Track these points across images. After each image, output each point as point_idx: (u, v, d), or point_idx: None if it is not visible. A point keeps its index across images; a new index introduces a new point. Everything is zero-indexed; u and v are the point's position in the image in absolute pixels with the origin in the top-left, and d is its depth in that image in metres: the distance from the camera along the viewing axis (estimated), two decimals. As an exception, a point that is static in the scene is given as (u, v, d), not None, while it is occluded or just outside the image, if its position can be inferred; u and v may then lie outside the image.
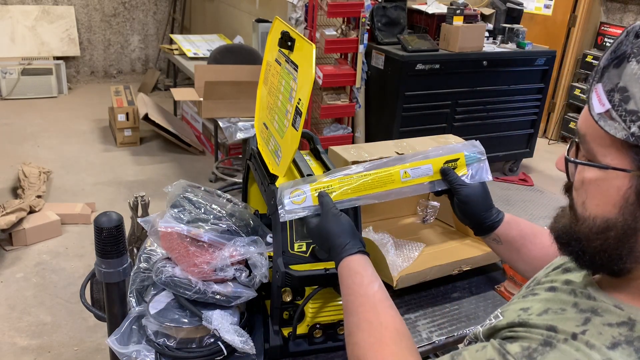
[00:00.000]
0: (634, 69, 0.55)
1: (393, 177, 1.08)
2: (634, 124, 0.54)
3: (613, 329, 0.57)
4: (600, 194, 0.60)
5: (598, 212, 0.60)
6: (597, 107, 0.57)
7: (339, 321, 1.24)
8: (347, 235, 0.95)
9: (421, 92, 3.98)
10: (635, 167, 0.56)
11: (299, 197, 1.05)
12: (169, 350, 1.12)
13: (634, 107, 0.54)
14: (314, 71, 1.07)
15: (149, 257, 1.29)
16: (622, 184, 0.57)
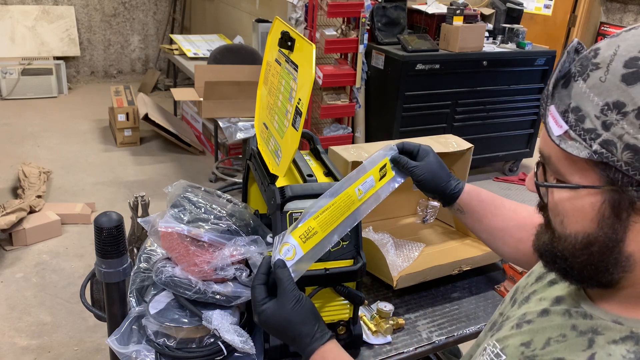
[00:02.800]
0: (582, 88, 0.56)
1: (352, 197, 1.11)
2: (594, 141, 0.55)
3: (619, 347, 0.56)
4: (577, 212, 0.60)
5: (578, 229, 0.61)
6: (556, 130, 0.58)
7: (339, 321, 1.24)
8: (313, 321, 0.87)
9: (421, 92, 3.98)
10: (604, 183, 0.56)
11: (289, 252, 1.01)
12: (169, 350, 1.12)
13: (591, 126, 0.55)
14: (314, 71, 1.07)
15: (149, 257, 1.29)
16: (595, 200, 0.58)
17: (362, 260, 1.19)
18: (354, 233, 1.21)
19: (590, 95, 0.55)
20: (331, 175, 1.32)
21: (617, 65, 0.54)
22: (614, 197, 0.57)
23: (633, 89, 0.52)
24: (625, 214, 0.57)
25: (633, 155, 0.53)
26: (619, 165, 0.54)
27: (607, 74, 0.54)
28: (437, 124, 4.12)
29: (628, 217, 0.57)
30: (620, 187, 0.55)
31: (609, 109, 0.54)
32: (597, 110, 0.55)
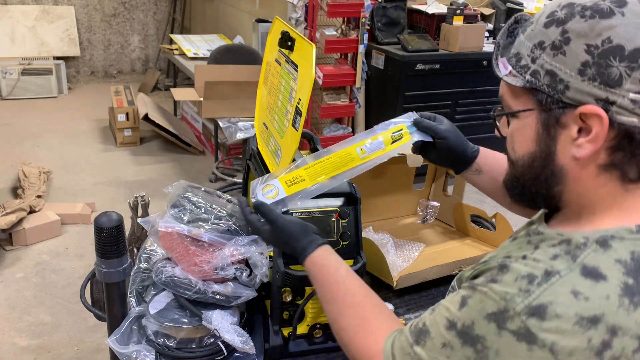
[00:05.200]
0: (521, 38, 0.75)
1: (352, 155, 1.12)
2: (526, 73, 0.72)
3: (555, 248, 0.70)
4: (521, 136, 0.76)
5: (524, 151, 0.76)
6: (504, 71, 0.76)
7: (339, 321, 1.24)
8: (301, 237, 0.99)
9: (421, 92, 3.98)
10: (536, 105, 0.72)
11: (271, 192, 1.06)
12: (169, 350, 1.12)
13: (524, 62, 0.73)
14: (314, 71, 1.07)
15: (149, 257, 1.29)
16: (532, 121, 0.73)
17: (362, 260, 1.19)
18: (354, 233, 1.21)
19: (525, 42, 0.74)
20: (331, 175, 1.32)
21: (542, 18, 0.73)
22: (544, 116, 0.72)
23: (549, 30, 0.70)
24: (553, 129, 0.71)
25: (551, 78, 0.69)
26: (543, 88, 0.70)
27: (536, 25, 0.73)
28: (437, 124, 4.12)
29: (556, 132, 0.71)
30: (547, 106, 0.71)
31: (535, 47, 0.71)
32: (528, 50, 0.72)
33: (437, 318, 0.74)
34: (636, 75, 0.64)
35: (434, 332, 0.73)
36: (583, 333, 0.61)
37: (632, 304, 0.62)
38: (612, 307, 0.62)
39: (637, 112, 0.65)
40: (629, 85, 0.65)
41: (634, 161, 0.68)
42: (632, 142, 0.67)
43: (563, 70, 0.68)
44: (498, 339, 0.66)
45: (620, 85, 0.65)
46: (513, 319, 0.65)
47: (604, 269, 0.64)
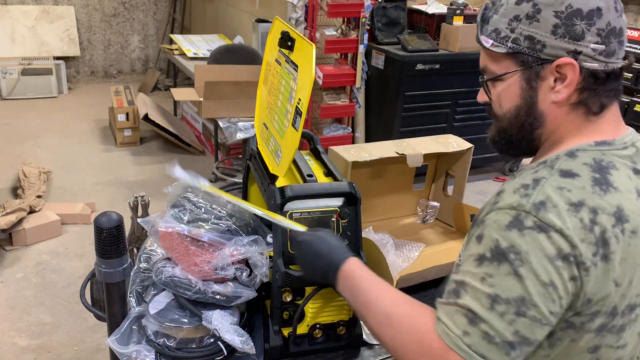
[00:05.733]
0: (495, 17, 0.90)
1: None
2: (508, 41, 0.89)
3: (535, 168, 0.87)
4: (508, 94, 0.92)
5: (511, 105, 0.92)
6: (487, 44, 0.92)
7: (339, 321, 1.24)
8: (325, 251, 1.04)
9: (421, 92, 3.97)
10: (519, 66, 0.89)
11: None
12: (169, 350, 1.12)
13: (504, 34, 0.89)
14: (314, 71, 1.07)
15: (149, 257, 1.29)
16: (516, 80, 0.90)
17: (362, 260, 1.19)
18: (353, 233, 1.21)
19: (500, 19, 0.89)
20: (331, 175, 1.32)
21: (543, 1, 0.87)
22: (527, 74, 0.89)
23: (521, 6, 0.87)
24: (534, 83, 0.89)
25: (530, 42, 0.87)
26: (524, 51, 0.87)
27: (507, 5, 0.89)
28: (437, 124, 4.12)
29: (537, 85, 0.89)
30: (528, 65, 0.88)
31: (512, 21, 0.88)
32: (506, 24, 0.89)
33: (465, 267, 0.84)
34: (593, 30, 0.84)
35: (468, 278, 0.82)
36: (575, 214, 0.78)
37: (602, 190, 0.80)
38: (589, 192, 0.80)
39: (597, 58, 0.85)
40: (589, 37, 0.84)
41: (597, 98, 0.88)
42: (596, 82, 0.86)
43: (539, 34, 0.86)
44: (523, 240, 0.78)
45: (584, 38, 0.84)
46: (527, 218, 0.78)
47: (575, 169, 0.83)
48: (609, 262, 0.78)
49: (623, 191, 0.82)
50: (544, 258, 0.77)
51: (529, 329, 0.78)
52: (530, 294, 0.77)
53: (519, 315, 0.77)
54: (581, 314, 0.80)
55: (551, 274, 0.77)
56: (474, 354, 0.78)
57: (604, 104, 0.88)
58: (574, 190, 0.80)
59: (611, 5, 0.85)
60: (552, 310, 0.78)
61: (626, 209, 0.80)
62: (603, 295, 0.79)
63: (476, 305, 0.79)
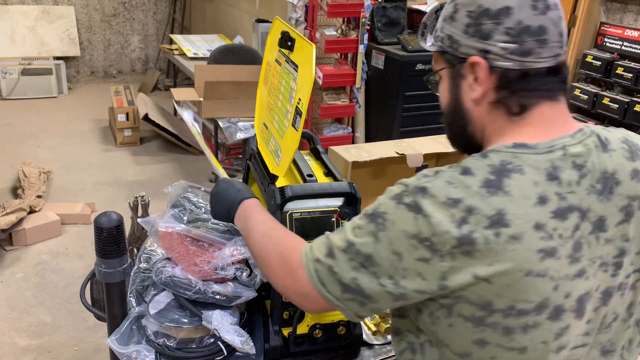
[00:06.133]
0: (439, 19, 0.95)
1: None
2: (438, 41, 0.94)
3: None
4: (442, 91, 0.97)
5: (444, 102, 0.97)
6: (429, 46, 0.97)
7: (339, 321, 1.24)
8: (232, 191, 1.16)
9: (421, 92, 3.97)
10: (446, 65, 0.94)
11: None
12: (169, 350, 1.12)
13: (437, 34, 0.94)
14: (314, 71, 1.07)
15: (149, 257, 1.29)
16: (445, 77, 0.95)
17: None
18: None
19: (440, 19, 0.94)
20: (331, 175, 1.32)
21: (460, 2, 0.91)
22: (451, 71, 0.93)
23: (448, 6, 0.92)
24: (457, 80, 0.92)
25: (450, 40, 0.91)
26: (447, 49, 0.92)
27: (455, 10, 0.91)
28: (437, 124, 4.07)
29: (459, 82, 0.92)
30: (451, 63, 0.92)
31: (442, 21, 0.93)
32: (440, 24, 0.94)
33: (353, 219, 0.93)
34: (501, 28, 0.85)
35: (346, 225, 0.92)
36: (448, 209, 0.81)
37: (488, 193, 0.81)
38: (471, 193, 0.81)
39: (508, 57, 0.85)
40: (497, 36, 0.85)
41: (515, 98, 0.87)
42: (510, 82, 0.87)
43: (456, 33, 0.90)
44: (395, 212, 0.85)
45: (492, 37, 0.86)
46: (408, 196, 0.85)
47: (475, 169, 0.84)
48: (472, 258, 0.80)
49: (515, 196, 0.81)
50: (402, 232, 0.83)
51: (366, 283, 0.86)
52: (378, 255, 0.85)
53: (362, 266, 0.86)
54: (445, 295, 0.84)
55: (403, 246, 0.83)
56: (316, 277, 0.90)
57: (525, 105, 0.87)
58: (460, 188, 0.82)
59: (526, 4, 0.84)
60: (392, 275, 0.85)
61: (510, 214, 0.80)
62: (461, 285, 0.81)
63: (337, 245, 0.90)
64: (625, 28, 4.41)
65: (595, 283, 0.86)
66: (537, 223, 0.80)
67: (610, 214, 0.86)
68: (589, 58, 4.48)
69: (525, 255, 0.80)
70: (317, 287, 0.90)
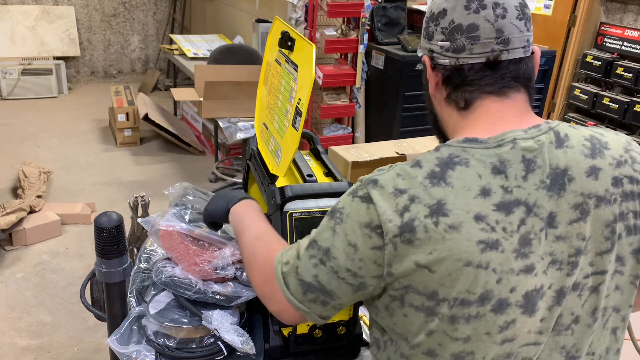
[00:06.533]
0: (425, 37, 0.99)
1: None
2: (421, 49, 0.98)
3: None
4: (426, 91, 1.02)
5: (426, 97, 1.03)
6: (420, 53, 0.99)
7: (339, 321, 1.24)
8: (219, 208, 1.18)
9: (421, 92, 3.94)
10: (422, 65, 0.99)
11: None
12: (169, 350, 1.12)
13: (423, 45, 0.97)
14: (314, 71, 1.07)
15: (149, 257, 1.29)
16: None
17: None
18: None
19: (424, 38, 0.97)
20: (331, 175, 1.32)
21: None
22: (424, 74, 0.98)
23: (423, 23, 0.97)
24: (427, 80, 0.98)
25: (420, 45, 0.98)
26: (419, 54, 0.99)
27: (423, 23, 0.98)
28: (437, 124, 4.11)
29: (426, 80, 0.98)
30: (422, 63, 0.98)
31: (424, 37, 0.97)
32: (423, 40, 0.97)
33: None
34: (439, 29, 0.92)
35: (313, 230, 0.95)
36: (394, 199, 0.85)
37: (431, 183, 0.84)
38: (416, 184, 0.85)
39: (444, 54, 0.91)
40: (437, 36, 0.92)
41: (459, 93, 0.92)
42: (450, 77, 0.92)
43: (422, 38, 0.98)
44: (350, 205, 0.89)
45: (433, 37, 0.93)
46: (361, 189, 0.89)
47: (424, 162, 0.88)
48: (412, 246, 0.83)
49: (456, 187, 0.83)
50: (356, 223, 0.87)
51: (326, 278, 0.89)
52: (335, 247, 0.88)
53: (321, 262, 0.90)
54: (394, 285, 0.87)
55: (357, 237, 0.87)
56: (282, 279, 0.93)
57: (468, 100, 0.91)
58: (406, 179, 0.86)
59: (459, 4, 0.89)
60: (350, 267, 0.88)
61: (449, 204, 0.82)
62: (404, 272, 0.85)
63: (303, 245, 0.93)
64: (625, 28, 4.41)
65: (547, 281, 0.86)
66: (477, 214, 0.82)
67: (562, 211, 0.85)
68: (589, 58, 4.49)
69: (464, 245, 0.82)
70: (284, 290, 0.93)
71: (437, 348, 0.87)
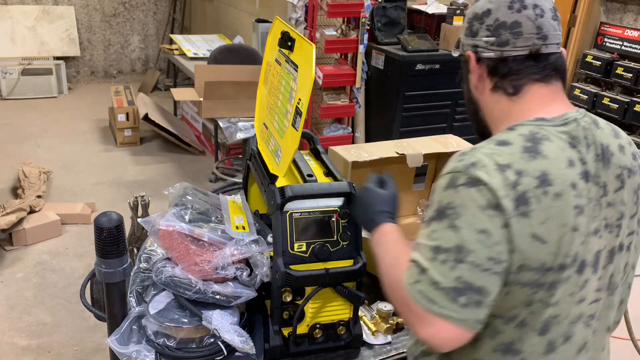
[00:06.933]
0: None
1: None
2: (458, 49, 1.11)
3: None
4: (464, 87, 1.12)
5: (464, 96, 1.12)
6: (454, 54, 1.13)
7: (339, 321, 1.24)
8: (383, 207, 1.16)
9: (421, 92, 3.97)
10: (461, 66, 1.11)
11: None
12: (169, 350, 1.12)
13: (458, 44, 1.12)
14: (314, 71, 1.07)
15: (149, 257, 1.29)
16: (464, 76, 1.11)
17: (362, 260, 1.20)
18: (353, 233, 1.21)
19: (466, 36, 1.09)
20: (331, 175, 1.32)
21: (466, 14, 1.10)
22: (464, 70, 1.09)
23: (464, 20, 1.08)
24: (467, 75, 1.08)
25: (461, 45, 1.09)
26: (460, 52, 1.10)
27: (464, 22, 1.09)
28: (437, 124, 4.12)
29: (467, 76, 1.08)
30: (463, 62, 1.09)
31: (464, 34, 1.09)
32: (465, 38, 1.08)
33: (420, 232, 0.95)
34: (484, 26, 1.02)
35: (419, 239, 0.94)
36: (501, 174, 0.89)
37: (530, 157, 0.91)
38: (517, 157, 0.91)
39: (489, 48, 1.02)
40: (482, 32, 1.02)
41: (506, 81, 1.01)
42: (496, 68, 1.02)
43: (463, 37, 1.08)
44: (457, 196, 0.90)
45: (479, 34, 1.03)
46: (460, 177, 0.91)
47: (510, 139, 0.94)
48: (528, 218, 0.88)
49: (552, 159, 0.91)
50: (476, 208, 0.88)
51: (471, 275, 0.87)
52: (466, 241, 0.87)
53: (458, 262, 0.87)
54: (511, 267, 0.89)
55: (484, 221, 0.87)
56: (424, 299, 0.88)
57: (517, 86, 1.01)
58: (504, 155, 0.91)
59: (503, 5, 1.01)
60: (490, 255, 0.87)
61: (551, 174, 0.90)
62: (524, 248, 0.88)
63: (421, 258, 0.91)
64: (625, 28, 4.41)
65: (604, 242, 0.97)
66: (572, 182, 0.92)
67: (610, 181, 0.98)
68: (589, 58, 4.48)
69: (566, 211, 0.90)
70: (430, 308, 0.87)
71: (530, 318, 0.93)
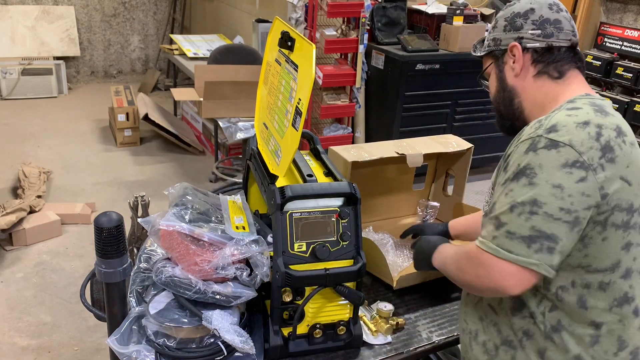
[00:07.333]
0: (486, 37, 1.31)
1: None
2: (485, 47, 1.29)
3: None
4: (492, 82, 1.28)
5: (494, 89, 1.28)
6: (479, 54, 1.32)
7: (339, 321, 1.24)
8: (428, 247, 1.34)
9: (421, 92, 3.98)
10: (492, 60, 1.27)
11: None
12: (169, 350, 1.12)
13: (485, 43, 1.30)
14: (314, 71, 1.07)
15: (149, 257, 1.29)
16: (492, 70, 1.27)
17: (362, 260, 1.20)
18: (353, 233, 1.21)
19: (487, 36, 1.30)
20: (331, 175, 1.32)
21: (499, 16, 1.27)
22: (497, 63, 1.26)
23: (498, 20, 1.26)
24: (501, 66, 1.25)
25: (494, 42, 1.25)
26: (493, 48, 1.26)
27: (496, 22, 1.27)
28: (437, 124, 4.12)
29: (502, 67, 1.24)
30: (496, 57, 1.26)
31: (487, 34, 1.28)
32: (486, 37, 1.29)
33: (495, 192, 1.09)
34: (529, 21, 1.19)
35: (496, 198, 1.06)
36: (583, 129, 1.02)
37: (603, 114, 1.07)
38: (592, 116, 1.05)
39: (536, 39, 1.18)
40: (527, 26, 1.20)
41: (551, 66, 1.18)
42: (542, 56, 1.18)
43: (498, 34, 1.24)
44: (537, 158, 1.01)
45: (523, 28, 1.20)
46: (540, 141, 1.02)
47: (577, 106, 1.09)
48: (615, 163, 1.01)
49: (618, 117, 1.09)
50: (553, 167, 1.00)
51: (543, 224, 0.99)
52: (541, 195, 0.99)
53: (533, 213, 0.99)
54: (602, 208, 1.01)
55: (559, 177, 0.99)
56: (500, 250, 1.01)
57: (562, 70, 1.18)
58: (580, 115, 1.05)
59: (544, 5, 1.20)
60: (562, 206, 0.99)
61: (623, 127, 1.07)
62: (616, 189, 1.01)
63: (500, 213, 1.03)
64: (625, 28, 4.41)
65: None
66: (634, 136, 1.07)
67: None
68: (589, 58, 4.48)
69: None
70: (505, 256, 1.00)
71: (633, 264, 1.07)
